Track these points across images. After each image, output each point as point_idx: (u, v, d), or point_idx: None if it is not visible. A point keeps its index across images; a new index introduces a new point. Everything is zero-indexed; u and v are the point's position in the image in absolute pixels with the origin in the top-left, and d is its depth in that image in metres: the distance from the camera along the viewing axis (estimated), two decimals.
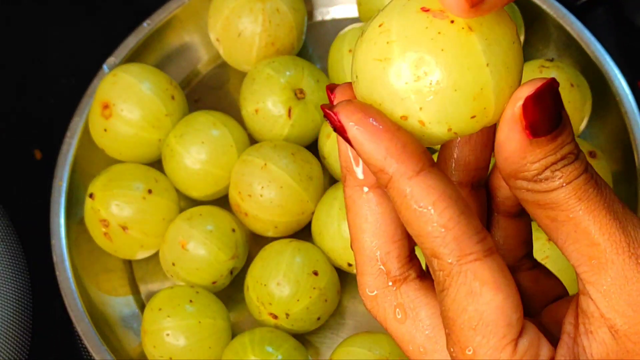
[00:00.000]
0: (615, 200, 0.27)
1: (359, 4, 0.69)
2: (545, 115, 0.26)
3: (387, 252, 0.30)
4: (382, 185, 0.28)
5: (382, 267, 0.30)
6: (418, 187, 0.27)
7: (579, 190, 0.27)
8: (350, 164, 0.30)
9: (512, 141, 0.26)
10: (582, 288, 0.28)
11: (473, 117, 0.26)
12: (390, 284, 0.30)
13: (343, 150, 0.30)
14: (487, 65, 0.26)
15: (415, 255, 0.31)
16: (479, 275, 0.27)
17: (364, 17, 0.68)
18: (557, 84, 0.27)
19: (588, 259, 0.27)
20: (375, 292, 0.30)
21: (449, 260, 0.27)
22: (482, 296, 0.27)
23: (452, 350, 0.28)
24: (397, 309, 0.30)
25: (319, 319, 0.60)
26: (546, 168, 0.27)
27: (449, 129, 0.27)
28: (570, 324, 0.28)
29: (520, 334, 0.27)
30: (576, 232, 0.27)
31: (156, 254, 0.63)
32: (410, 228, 0.27)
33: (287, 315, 0.58)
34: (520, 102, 0.26)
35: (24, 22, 0.77)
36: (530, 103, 0.26)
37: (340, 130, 0.27)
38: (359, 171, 0.29)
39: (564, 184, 0.27)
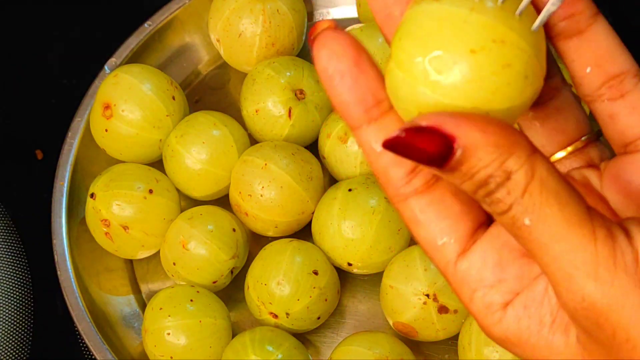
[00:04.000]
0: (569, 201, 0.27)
1: (359, 5, 0.69)
2: (409, 156, 0.27)
3: None
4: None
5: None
6: (357, 142, 0.29)
7: (520, 225, 0.27)
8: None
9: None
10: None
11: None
12: None
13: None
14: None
15: None
16: (405, 214, 0.30)
17: (364, 18, 0.69)
18: (402, 139, 0.26)
19: None
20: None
21: (390, 199, 0.30)
22: (413, 231, 0.30)
23: None
24: None
25: (319, 318, 0.60)
26: (474, 193, 0.27)
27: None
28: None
29: (463, 252, 0.29)
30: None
31: (157, 254, 0.64)
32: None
33: (288, 314, 0.58)
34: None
35: (25, 22, 0.77)
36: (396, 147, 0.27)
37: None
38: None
39: (502, 214, 0.27)
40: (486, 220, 0.30)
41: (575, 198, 0.27)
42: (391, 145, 0.26)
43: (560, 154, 0.33)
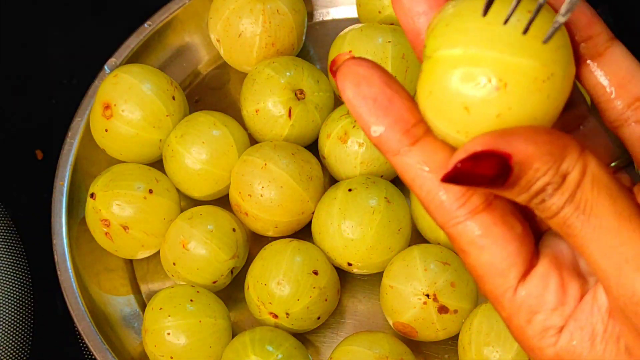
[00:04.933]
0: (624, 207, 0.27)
1: (359, 5, 0.69)
2: (472, 183, 0.27)
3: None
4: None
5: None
6: (398, 169, 0.29)
7: (570, 224, 0.27)
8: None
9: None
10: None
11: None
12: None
13: None
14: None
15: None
16: (463, 237, 0.28)
17: (364, 18, 0.69)
18: (465, 167, 0.26)
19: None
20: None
21: (441, 225, 0.29)
22: (469, 255, 0.29)
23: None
24: None
25: (319, 318, 0.60)
26: (529, 202, 0.27)
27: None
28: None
29: (525, 276, 0.28)
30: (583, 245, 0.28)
31: (157, 254, 0.64)
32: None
33: (287, 314, 0.58)
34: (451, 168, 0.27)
35: (26, 22, 0.77)
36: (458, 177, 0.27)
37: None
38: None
39: (553, 216, 0.27)
40: (536, 242, 0.30)
41: (625, 193, 0.27)
42: (452, 178, 0.26)
43: None
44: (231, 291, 0.63)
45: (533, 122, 0.27)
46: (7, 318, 0.60)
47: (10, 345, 0.61)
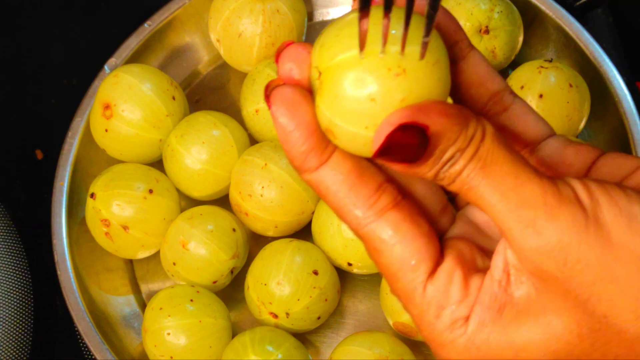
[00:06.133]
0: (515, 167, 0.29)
1: None
2: (401, 157, 0.29)
3: None
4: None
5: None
6: (313, 183, 0.31)
7: (471, 178, 0.29)
8: None
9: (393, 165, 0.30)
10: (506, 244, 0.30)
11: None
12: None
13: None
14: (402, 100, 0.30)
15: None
16: (375, 236, 0.31)
17: None
18: (397, 137, 0.29)
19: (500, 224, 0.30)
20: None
21: (354, 229, 0.31)
22: (382, 253, 0.31)
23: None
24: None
25: (319, 318, 0.60)
26: (436, 175, 0.30)
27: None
28: (499, 263, 0.30)
29: (432, 273, 0.31)
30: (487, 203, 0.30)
31: (157, 254, 0.64)
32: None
33: (288, 314, 0.58)
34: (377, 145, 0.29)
35: (26, 22, 0.77)
36: (385, 152, 0.29)
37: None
38: None
39: (454, 179, 0.30)
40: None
41: (515, 150, 0.30)
42: (385, 149, 0.29)
43: None
44: (231, 291, 0.63)
45: None
46: (7, 318, 0.60)
47: (10, 345, 0.61)
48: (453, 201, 0.35)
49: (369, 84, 0.29)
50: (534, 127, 0.35)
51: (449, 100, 0.33)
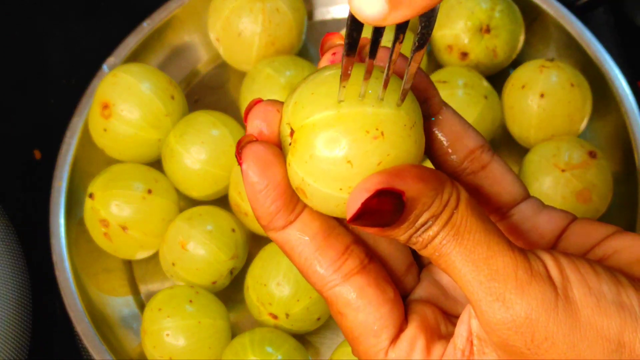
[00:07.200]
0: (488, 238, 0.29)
1: None
2: (376, 223, 0.29)
3: None
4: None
5: None
6: (279, 242, 0.31)
7: (443, 245, 0.29)
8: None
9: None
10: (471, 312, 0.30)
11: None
12: None
13: None
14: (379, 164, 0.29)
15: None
16: (340, 299, 0.31)
17: None
18: (373, 202, 0.28)
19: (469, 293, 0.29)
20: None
21: (319, 289, 0.31)
22: (346, 317, 0.31)
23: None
24: None
25: (318, 319, 0.60)
26: (409, 239, 0.29)
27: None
28: (463, 331, 0.30)
29: (395, 339, 0.31)
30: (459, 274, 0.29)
31: (156, 254, 0.63)
32: None
33: (287, 315, 0.58)
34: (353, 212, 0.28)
35: (24, 22, 0.77)
36: (362, 216, 0.28)
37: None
38: None
39: (426, 245, 0.29)
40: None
41: (489, 218, 0.30)
42: (359, 215, 0.28)
43: None
44: (231, 292, 0.63)
45: None
46: (5, 319, 0.60)
47: (8, 346, 0.60)
48: (417, 258, 0.35)
49: (345, 146, 0.29)
50: (510, 189, 0.34)
51: (427, 164, 0.33)
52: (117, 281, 0.65)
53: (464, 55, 0.66)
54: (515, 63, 0.68)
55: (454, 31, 0.66)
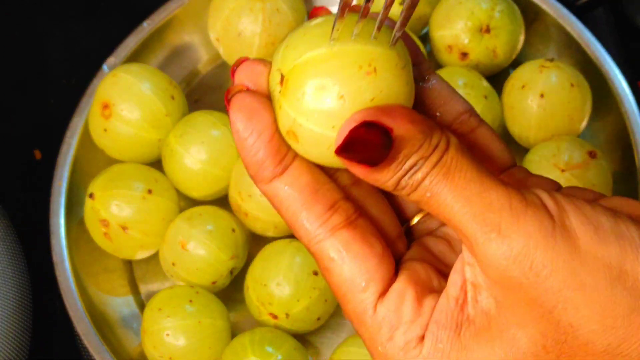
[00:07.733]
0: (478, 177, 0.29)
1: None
2: (363, 156, 0.28)
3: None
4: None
5: None
6: (268, 194, 0.31)
7: (433, 185, 0.29)
8: None
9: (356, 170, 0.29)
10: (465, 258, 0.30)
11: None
12: None
13: None
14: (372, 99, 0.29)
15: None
16: (325, 253, 0.30)
17: None
18: (361, 132, 0.28)
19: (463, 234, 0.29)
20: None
21: (306, 244, 0.31)
22: (332, 272, 0.30)
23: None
24: None
25: (319, 319, 0.60)
26: (398, 183, 0.29)
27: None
28: (456, 280, 0.30)
29: (383, 293, 0.30)
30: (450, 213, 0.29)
31: (156, 254, 0.63)
32: None
33: (287, 315, 0.58)
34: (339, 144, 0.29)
35: (24, 22, 0.77)
36: (348, 149, 0.28)
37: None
38: None
39: (416, 187, 0.29)
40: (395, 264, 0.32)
41: (479, 160, 0.30)
42: (347, 145, 0.28)
43: None
44: (231, 292, 0.63)
45: None
46: (5, 318, 0.60)
47: (9, 346, 0.60)
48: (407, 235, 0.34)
49: (338, 81, 0.29)
50: (499, 154, 0.34)
51: None
52: (117, 281, 0.65)
53: (464, 55, 0.66)
54: (515, 63, 0.68)
55: (453, 31, 0.66)
